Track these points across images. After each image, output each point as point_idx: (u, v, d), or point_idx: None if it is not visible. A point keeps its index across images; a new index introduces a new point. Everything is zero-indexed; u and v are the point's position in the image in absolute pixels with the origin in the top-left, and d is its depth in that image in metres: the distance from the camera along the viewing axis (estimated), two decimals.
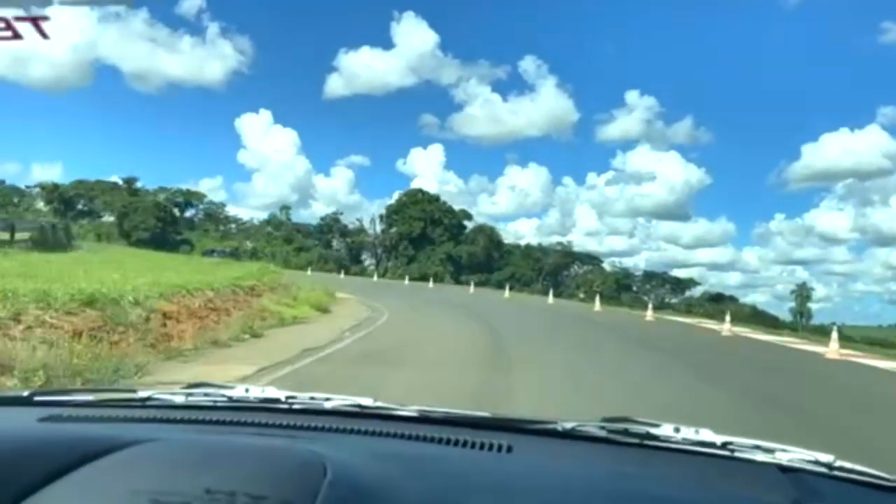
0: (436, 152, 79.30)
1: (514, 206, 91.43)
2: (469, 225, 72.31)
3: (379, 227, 72.03)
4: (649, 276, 74.00)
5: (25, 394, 1.49)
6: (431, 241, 68.68)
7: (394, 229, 70.36)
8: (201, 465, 0.88)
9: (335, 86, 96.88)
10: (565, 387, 8.53)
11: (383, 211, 72.38)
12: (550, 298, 33.52)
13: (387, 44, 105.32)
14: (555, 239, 74.91)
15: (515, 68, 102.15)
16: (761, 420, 7.05)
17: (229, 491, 0.78)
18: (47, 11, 4.05)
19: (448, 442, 1.16)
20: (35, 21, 4.08)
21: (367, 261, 72.54)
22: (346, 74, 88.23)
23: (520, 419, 1.36)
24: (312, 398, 1.42)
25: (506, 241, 73.02)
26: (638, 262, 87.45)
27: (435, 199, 71.40)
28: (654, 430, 1.23)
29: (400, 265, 67.57)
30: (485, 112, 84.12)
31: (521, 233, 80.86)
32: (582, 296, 52.19)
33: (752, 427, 6.01)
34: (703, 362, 13.00)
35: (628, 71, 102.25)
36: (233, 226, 76.69)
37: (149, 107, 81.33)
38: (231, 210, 77.82)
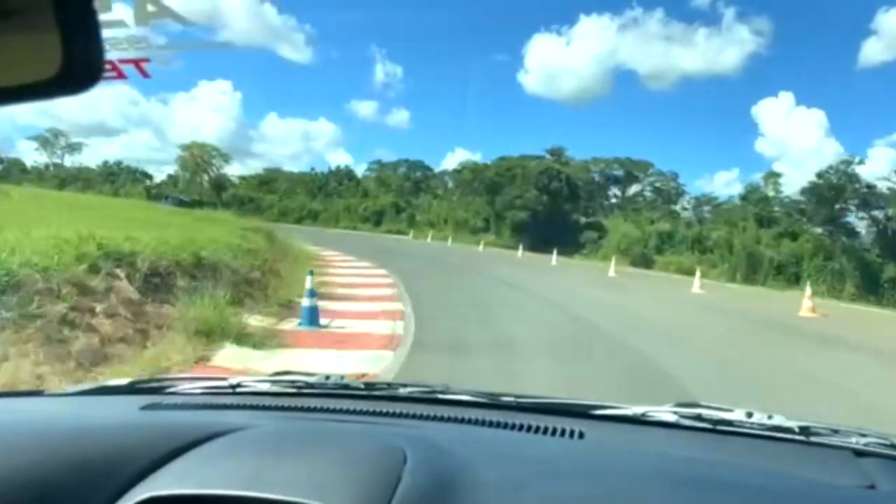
0: None
1: None
2: None
3: None
4: None
5: (126, 382, 1.62)
6: None
7: None
8: (291, 453, 0.95)
9: (871, 51, 70.50)
10: None
11: None
12: None
13: None
14: None
15: None
16: None
17: (316, 477, 0.85)
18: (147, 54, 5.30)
19: (521, 428, 1.19)
20: (137, 63, 5.34)
21: None
22: (888, 35, 59.38)
23: (590, 404, 1.34)
24: (389, 385, 1.49)
25: None
26: None
27: None
28: (726, 416, 1.23)
29: None
30: None
31: None
32: None
33: None
34: None
35: None
36: (705, 208, 51.93)
37: (663, 105, 73.12)
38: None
